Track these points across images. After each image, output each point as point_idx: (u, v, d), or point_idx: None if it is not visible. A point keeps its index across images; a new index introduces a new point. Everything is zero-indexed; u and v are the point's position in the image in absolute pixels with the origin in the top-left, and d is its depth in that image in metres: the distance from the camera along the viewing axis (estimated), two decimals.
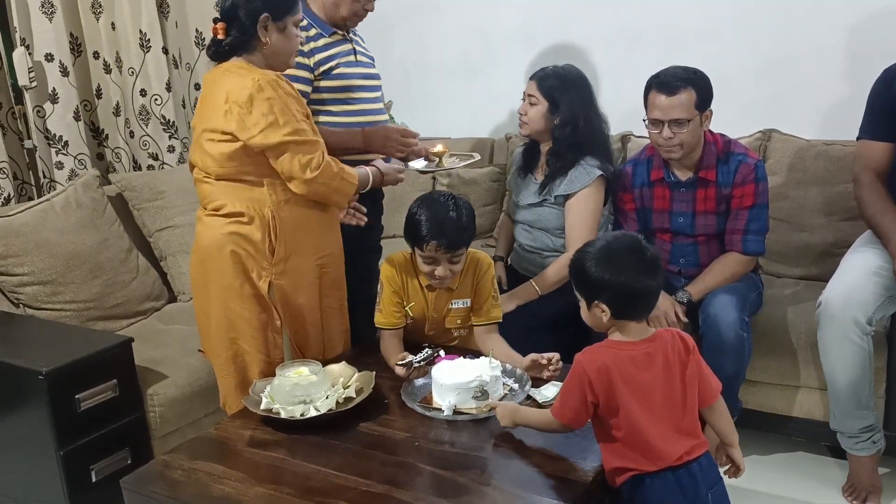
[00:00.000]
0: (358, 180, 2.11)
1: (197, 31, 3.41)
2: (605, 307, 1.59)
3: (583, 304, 1.67)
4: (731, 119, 2.60)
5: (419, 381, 1.98)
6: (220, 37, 2.04)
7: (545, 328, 2.44)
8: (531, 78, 2.54)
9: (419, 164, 2.50)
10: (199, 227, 2.10)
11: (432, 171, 2.78)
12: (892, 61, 2.34)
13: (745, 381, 2.36)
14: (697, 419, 1.63)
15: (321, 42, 2.34)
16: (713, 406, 1.66)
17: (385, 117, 2.50)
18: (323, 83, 2.33)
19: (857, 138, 2.37)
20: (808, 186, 2.73)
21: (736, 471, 1.71)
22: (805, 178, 2.74)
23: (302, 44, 2.14)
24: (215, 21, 2.05)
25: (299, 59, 2.25)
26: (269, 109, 1.93)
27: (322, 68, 2.33)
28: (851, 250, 2.37)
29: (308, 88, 2.32)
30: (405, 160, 2.46)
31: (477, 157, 2.62)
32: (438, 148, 2.48)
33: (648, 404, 1.57)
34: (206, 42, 3.07)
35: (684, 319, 2.34)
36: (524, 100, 2.54)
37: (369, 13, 2.43)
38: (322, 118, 2.34)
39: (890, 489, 2.31)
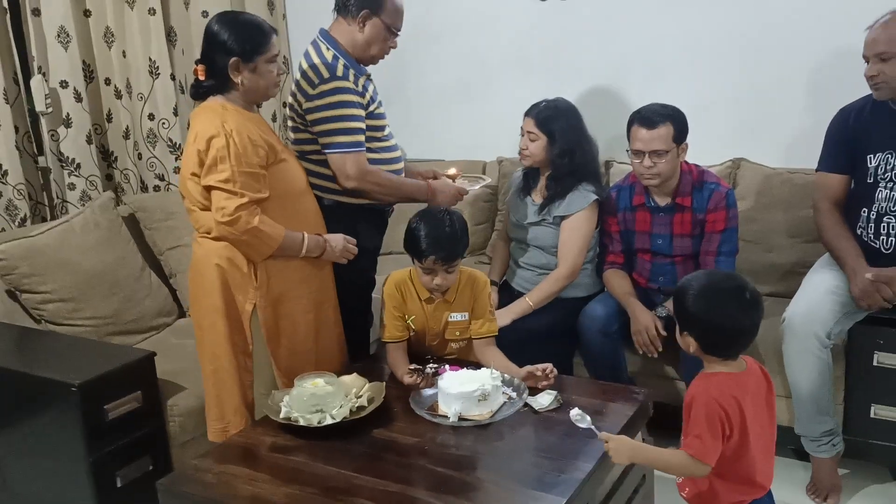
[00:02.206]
0: (280, 244, 2.17)
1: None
2: (692, 339, 1.71)
3: (678, 327, 1.77)
4: (705, 147, 2.81)
5: (426, 392, 2.16)
6: (200, 78, 2.21)
7: (538, 340, 2.64)
8: (527, 114, 2.75)
9: None
10: (194, 247, 2.29)
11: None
12: (851, 97, 2.57)
13: None
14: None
15: (361, 81, 2.44)
16: None
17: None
18: (367, 122, 2.44)
19: (816, 170, 2.60)
20: (774, 211, 2.96)
21: None
22: (771, 202, 2.97)
23: (278, 74, 2.23)
24: (196, 62, 2.22)
25: (359, 100, 2.37)
26: (216, 154, 2.08)
27: (370, 108, 2.45)
28: (812, 271, 2.59)
29: (364, 126, 2.40)
30: None
31: (489, 179, 2.82)
32: (452, 171, 2.66)
33: (755, 433, 1.67)
34: None
35: (663, 333, 2.55)
36: (523, 135, 2.75)
37: None
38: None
39: (849, 488, 2.52)
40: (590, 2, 3.40)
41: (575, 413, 1.87)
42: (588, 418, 1.86)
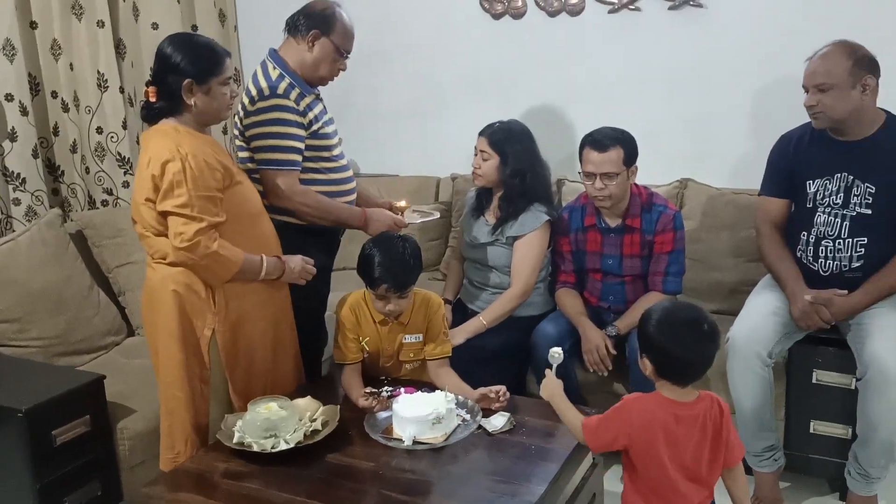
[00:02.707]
0: (240, 268, 2.15)
1: (152, 70, 3.53)
2: (648, 362, 1.79)
3: (639, 349, 1.84)
4: (653, 168, 2.90)
5: (381, 415, 2.18)
6: (151, 100, 2.18)
7: (492, 359, 2.68)
8: (481, 134, 2.79)
9: None
10: (148, 272, 2.25)
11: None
12: (791, 123, 2.66)
13: None
14: (717, 476, 1.83)
15: (306, 101, 2.45)
16: (733, 470, 1.85)
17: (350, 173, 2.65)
18: (309, 142, 2.46)
19: (759, 194, 2.69)
20: (718, 231, 3.04)
21: None
22: (716, 223, 3.05)
23: (231, 97, 2.20)
24: (147, 84, 2.20)
25: (298, 119, 2.39)
26: (172, 179, 2.06)
27: (313, 127, 2.47)
28: (754, 292, 2.67)
29: (302, 146, 2.43)
30: None
31: (437, 215, 2.83)
32: (402, 203, 2.68)
33: (680, 460, 1.75)
34: None
35: (613, 352, 2.61)
36: (476, 154, 2.79)
37: None
38: (307, 175, 2.46)
39: (790, 500, 2.60)
40: (541, 25, 3.46)
41: (554, 351, 2.08)
42: (560, 355, 2.07)
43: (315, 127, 2.48)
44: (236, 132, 2.55)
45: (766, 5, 3.05)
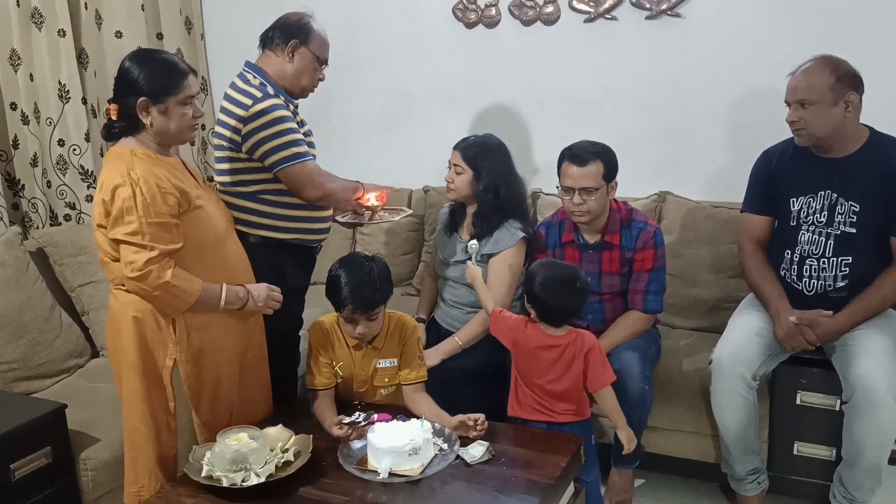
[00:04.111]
0: (196, 299, 2.05)
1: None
2: (532, 309, 2.28)
3: (525, 297, 2.31)
4: (629, 180, 2.84)
5: (356, 444, 2.09)
6: (112, 117, 2.08)
7: (468, 380, 2.60)
8: (455, 147, 2.71)
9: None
10: (110, 300, 2.15)
11: (359, 224, 2.81)
12: (769, 135, 2.63)
13: (647, 428, 2.58)
14: (581, 396, 2.29)
15: (291, 108, 2.43)
16: (600, 393, 2.28)
17: None
18: None
19: (741, 211, 2.65)
20: (698, 245, 3.00)
21: (625, 445, 2.29)
22: (696, 237, 3.01)
23: (195, 117, 2.10)
24: (109, 101, 2.10)
25: (291, 116, 2.35)
26: (122, 205, 1.97)
27: (301, 131, 2.42)
28: (737, 312, 2.63)
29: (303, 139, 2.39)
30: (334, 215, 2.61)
31: (409, 211, 2.80)
32: (372, 202, 2.61)
33: (544, 374, 2.26)
34: None
35: (613, 376, 2.55)
36: (450, 168, 2.71)
37: None
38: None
39: None
40: (516, 35, 3.42)
41: (472, 244, 2.55)
42: (476, 246, 2.56)
43: (303, 130, 2.45)
44: (217, 143, 2.45)
45: (746, 16, 3.02)
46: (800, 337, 2.36)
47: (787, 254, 2.48)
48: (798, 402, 2.46)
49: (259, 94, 2.34)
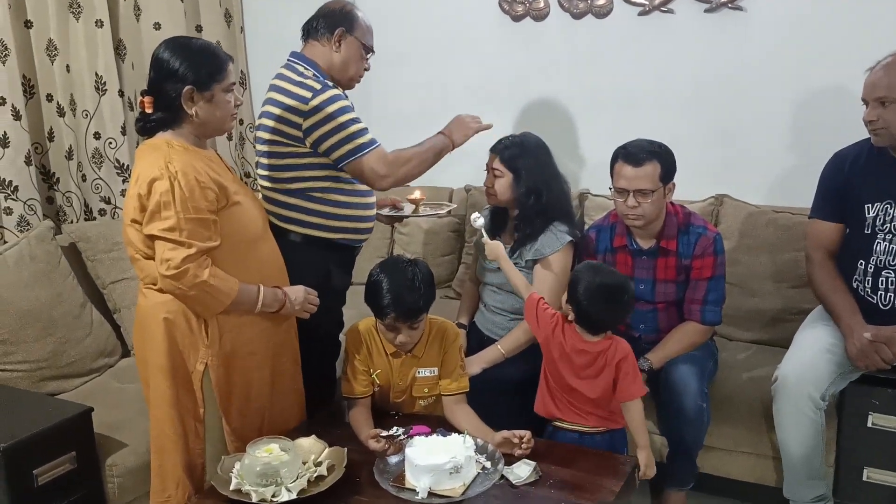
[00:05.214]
0: (233, 300, 1.95)
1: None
2: (571, 310, 2.14)
3: (566, 294, 2.16)
4: (682, 182, 2.67)
5: (393, 459, 1.96)
6: (147, 111, 1.98)
7: (511, 391, 2.46)
8: (492, 150, 2.57)
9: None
10: (139, 298, 2.06)
11: (403, 217, 2.72)
12: (839, 135, 2.46)
13: (702, 447, 2.43)
14: (613, 404, 2.14)
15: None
16: (627, 405, 2.12)
17: None
18: None
19: (809, 217, 2.47)
20: (758, 253, 2.83)
21: (642, 469, 2.06)
22: (756, 244, 2.84)
23: (236, 105, 2.03)
24: (143, 94, 1.99)
25: (351, 105, 2.28)
26: (159, 200, 1.88)
27: None
28: (804, 326, 2.46)
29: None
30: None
31: (453, 205, 2.72)
32: (416, 195, 2.54)
33: (567, 374, 2.15)
34: None
35: (644, 389, 2.39)
36: (488, 172, 2.58)
37: None
38: (331, 183, 2.34)
39: None
40: (565, 28, 3.28)
41: (475, 216, 2.39)
42: (482, 220, 2.39)
43: None
44: (266, 138, 2.34)
45: (813, 8, 2.84)
46: (875, 355, 2.18)
47: (861, 264, 2.30)
48: (869, 424, 2.28)
49: (318, 87, 2.25)
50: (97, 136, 3.19)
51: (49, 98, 3.10)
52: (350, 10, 2.39)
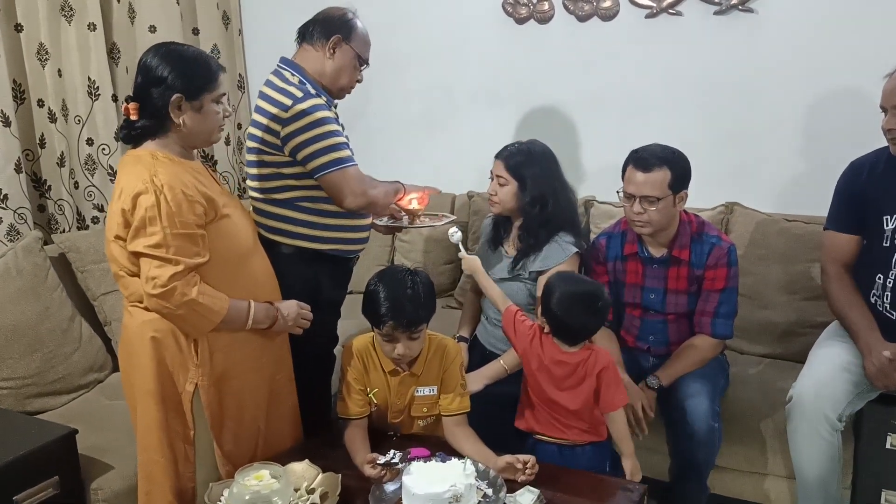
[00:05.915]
0: (223, 318, 1.87)
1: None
2: (546, 322, 2.09)
3: (539, 308, 2.13)
4: (691, 189, 2.56)
5: (389, 487, 1.88)
6: (132, 117, 1.88)
7: (513, 408, 2.37)
8: (497, 157, 2.49)
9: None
10: (125, 318, 1.97)
11: (398, 228, 2.64)
12: (851, 142, 2.38)
13: (713, 468, 2.34)
14: (595, 416, 2.09)
15: (333, 111, 2.31)
16: (611, 415, 2.08)
17: None
18: None
19: (825, 228, 2.37)
20: (770, 263, 2.74)
21: (628, 475, 2.03)
22: (767, 254, 2.75)
23: (224, 117, 1.95)
24: (127, 99, 1.90)
25: (335, 117, 2.23)
26: (144, 215, 1.79)
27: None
28: (820, 342, 2.37)
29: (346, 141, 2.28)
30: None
31: (452, 217, 2.62)
32: (413, 205, 2.44)
33: (547, 386, 2.09)
34: None
35: (651, 415, 2.30)
36: (492, 179, 2.49)
37: None
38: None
39: None
40: (570, 31, 3.20)
41: (452, 230, 2.36)
42: (459, 234, 2.36)
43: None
44: (252, 146, 2.27)
45: (827, 10, 2.75)
46: (895, 375, 2.08)
47: (879, 278, 2.20)
48: (888, 445, 2.18)
49: (299, 94, 2.18)
50: (90, 142, 3.12)
51: (40, 103, 3.02)
52: (350, 18, 2.32)
